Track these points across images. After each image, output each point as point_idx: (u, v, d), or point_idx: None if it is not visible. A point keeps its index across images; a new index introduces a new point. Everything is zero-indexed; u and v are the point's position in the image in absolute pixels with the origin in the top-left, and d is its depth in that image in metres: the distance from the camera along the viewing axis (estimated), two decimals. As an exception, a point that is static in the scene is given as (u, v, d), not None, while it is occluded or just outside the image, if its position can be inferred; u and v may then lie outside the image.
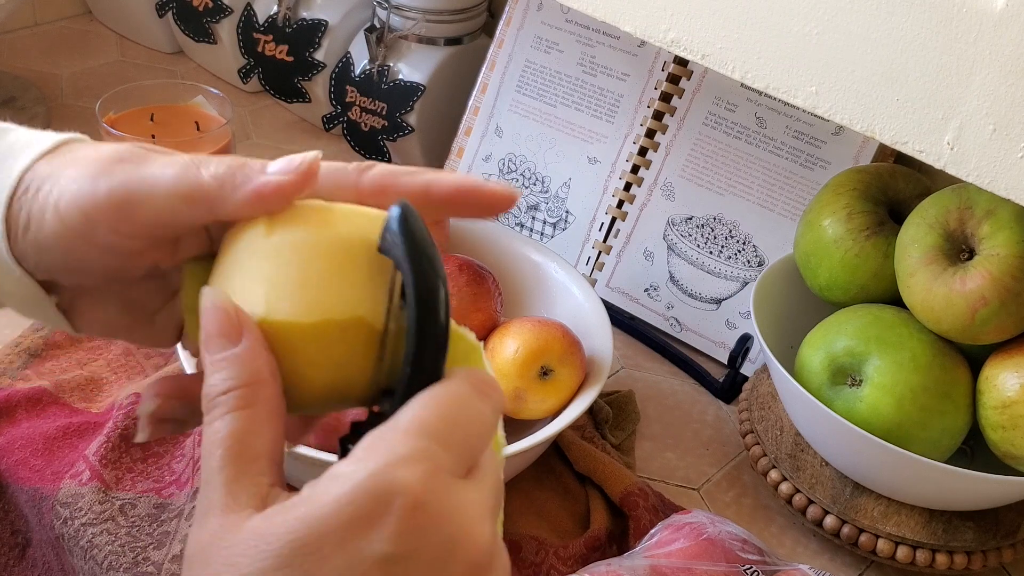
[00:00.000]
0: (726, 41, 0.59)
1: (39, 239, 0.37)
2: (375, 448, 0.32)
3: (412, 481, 0.31)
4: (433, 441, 0.33)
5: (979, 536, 0.72)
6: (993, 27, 0.49)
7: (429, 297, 0.35)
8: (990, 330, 0.66)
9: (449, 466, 0.33)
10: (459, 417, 0.34)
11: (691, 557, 0.65)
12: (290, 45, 1.12)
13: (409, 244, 0.35)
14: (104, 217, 0.37)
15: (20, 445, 0.74)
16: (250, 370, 0.34)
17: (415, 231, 0.35)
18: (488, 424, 0.36)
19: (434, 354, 0.35)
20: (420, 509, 0.31)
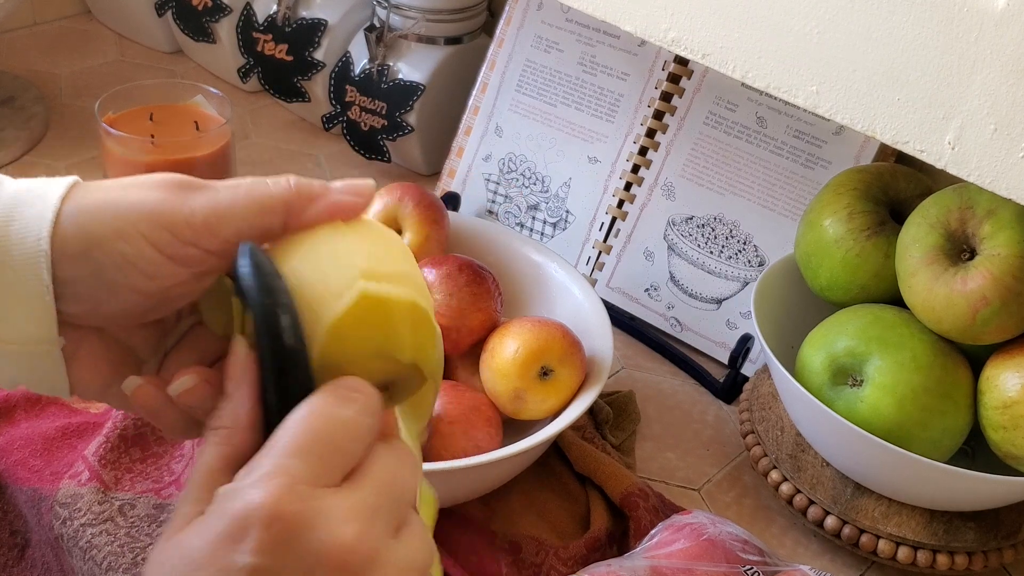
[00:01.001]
0: (727, 40, 0.59)
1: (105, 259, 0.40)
2: (244, 471, 0.35)
3: (266, 496, 0.34)
4: (290, 456, 0.35)
5: (980, 537, 0.72)
6: (994, 26, 0.49)
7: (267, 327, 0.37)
8: (991, 330, 0.66)
9: (308, 476, 0.35)
10: (319, 427, 0.36)
11: (692, 558, 0.65)
12: (289, 44, 1.12)
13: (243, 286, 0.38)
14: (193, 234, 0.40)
15: (19, 445, 0.73)
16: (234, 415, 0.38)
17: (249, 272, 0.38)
18: (357, 427, 0.37)
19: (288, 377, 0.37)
20: (277, 521, 0.33)
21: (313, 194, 0.41)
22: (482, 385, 0.77)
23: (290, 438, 0.36)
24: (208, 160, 0.96)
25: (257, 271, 0.38)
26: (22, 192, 0.40)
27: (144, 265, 0.40)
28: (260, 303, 0.37)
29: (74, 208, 0.40)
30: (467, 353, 0.79)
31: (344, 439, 0.36)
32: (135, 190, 0.40)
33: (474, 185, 1.03)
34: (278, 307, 0.37)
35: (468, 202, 1.03)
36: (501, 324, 0.78)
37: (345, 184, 0.42)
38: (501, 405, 0.76)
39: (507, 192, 1.01)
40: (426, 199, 0.85)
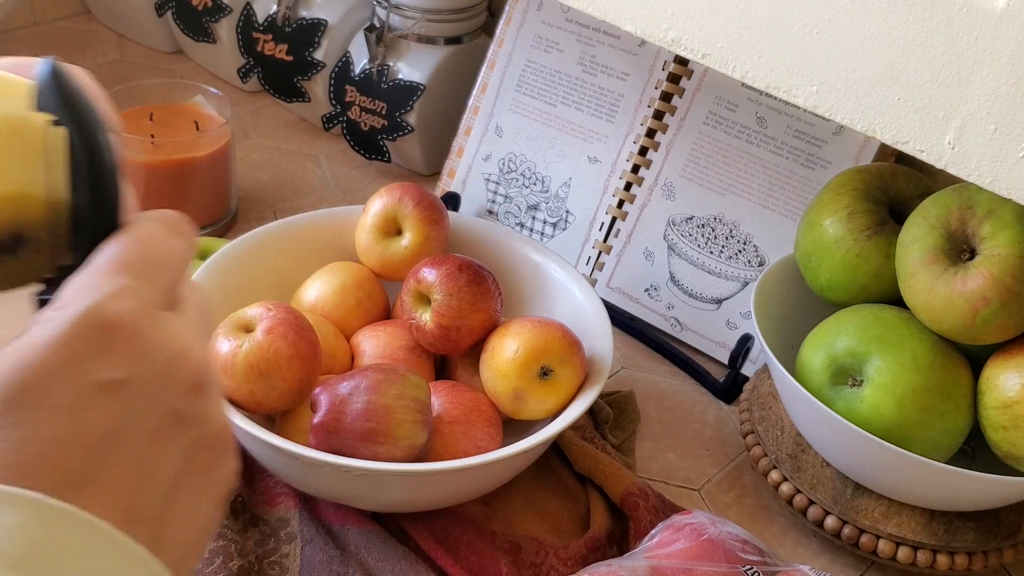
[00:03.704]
0: (727, 40, 0.59)
1: None
2: (80, 289, 0.34)
3: (125, 311, 0.33)
4: (134, 277, 0.35)
5: (980, 537, 0.72)
6: (994, 26, 0.49)
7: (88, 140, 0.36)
8: (991, 330, 0.66)
9: (155, 300, 0.35)
10: (155, 253, 0.36)
11: (691, 558, 0.65)
12: (289, 44, 1.12)
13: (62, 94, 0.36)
14: None
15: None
16: None
17: (67, 82, 0.36)
18: (183, 258, 0.38)
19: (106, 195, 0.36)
20: (137, 337, 0.33)
21: None
22: (482, 385, 0.77)
23: (127, 256, 0.35)
24: (208, 160, 0.96)
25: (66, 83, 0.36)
26: None
27: None
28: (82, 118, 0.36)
29: None
30: (467, 353, 0.79)
31: (176, 268, 0.37)
32: None
33: (474, 185, 1.03)
34: (98, 124, 0.36)
35: (468, 202, 1.03)
36: (501, 324, 0.78)
37: None
38: (501, 405, 0.76)
39: (507, 192, 1.01)
40: (426, 199, 0.85)
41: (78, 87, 0.37)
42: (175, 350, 0.34)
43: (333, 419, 0.67)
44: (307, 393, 0.72)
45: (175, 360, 0.34)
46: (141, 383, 0.33)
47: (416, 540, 0.71)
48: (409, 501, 0.71)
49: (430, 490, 0.70)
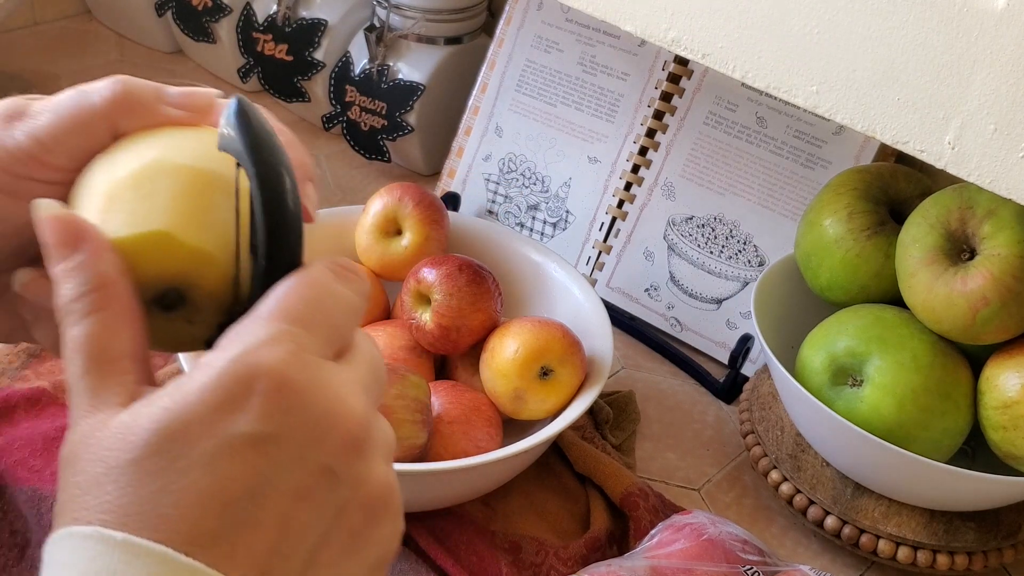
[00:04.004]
0: (727, 40, 0.59)
1: None
2: (237, 336, 0.32)
3: (274, 361, 0.31)
4: (294, 324, 0.33)
5: (980, 537, 0.72)
6: (994, 26, 0.49)
7: (271, 186, 0.34)
8: (991, 330, 0.66)
9: (313, 347, 0.33)
10: (320, 300, 0.34)
11: (691, 558, 0.65)
12: (289, 44, 1.12)
13: (247, 138, 0.35)
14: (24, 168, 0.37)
15: (19, 445, 0.73)
16: (95, 273, 0.34)
17: (250, 125, 0.35)
18: (353, 306, 0.36)
19: (283, 243, 0.35)
20: (285, 387, 0.31)
21: (140, 107, 0.38)
22: (482, 385, 0.77)
23: (290, 304, 0.33)
24: (208, 160, 0.96)
25: (253, 125, 0.35)
26: None
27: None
28: (263, 160, 0.34)
29: None
30: (467, 353, 0.79)
31: (342, 317, 0.35)
32: None
33: (474, 185, 1.03)
34: (282, 167, 0.35)
35: (468, 202, 1.03)
36: (501, 324, 0.78)
37: (182, 94, 0.39)
38: (501, 405, 0.76)
39: (507, 192, 1.01)
40: (426, 199, 0.85)
41: (264, 130, 0.35)
42: (330, 403, 0.32)
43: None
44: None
45: (330, 414, 0.32)
46: (289, 437, 0.31)
47: (416, 540, 0.71)
48: (409, 501, 0.71)
49: (430, 490, 0.70)
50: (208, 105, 0.39)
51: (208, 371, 0.31)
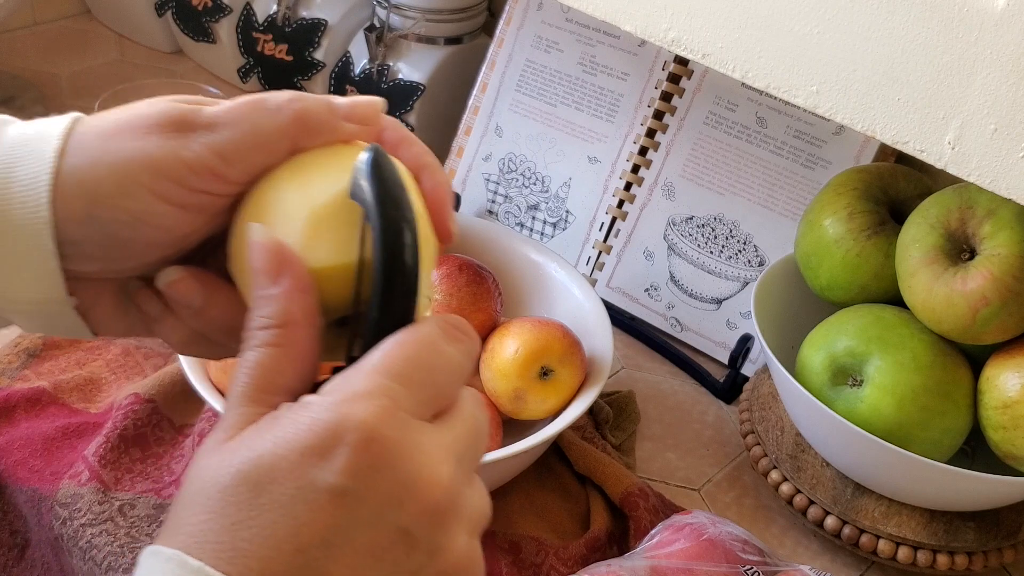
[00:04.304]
0: (727, 40, 0.59)
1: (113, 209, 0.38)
2: (338, 385, 0.33)
3: (366, 415, 0.32)
4: (394, 380, 0.33)
5: (980, 537, 0.72)
6: (994, 26, 0.49)
7: (393, 241, 0.35)
8: (991, 330, 0.66)
9: (409, 406, 0.33)
10: (424, 358, 0.34)
11: (692, 558, 0.65)
12: (289, 44, 1.12)
13: (375, 190, 0.35)
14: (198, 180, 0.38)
15: (19, 445, 0.73)
16: (285, 310, 0.35)
17: (381, 176, 0.36)
18: (458, 368, 0.36)
19: (401, 298, 0.35)
20: (374, 443, 0.31)
21: (318, 124, 0.39)
22: (482, 385, 0.77)
23: (393, 360, 0.34)
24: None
25: (383, 179, 0.36)
26: (18, 146, 0.38)
27: (155, 219, 0.38)
28: (385, 214, 0.35)
29: (73, 164, 0.37)
30: (467, 353, 0.79)
31: (445, 378, 0.35)
32: (131, 136, 0.38)
33: (474, 185, 1.03)
34: (404, 222, 0.35)
35: (468, 202, 1.03)
36: (501, 324, 0.78)
37: (350, 106, 0.40)
38: (501, 405, 0.76)
39: (507, 192, 1.01)
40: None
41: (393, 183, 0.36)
42: (417, 466, 0.32)
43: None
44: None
45: (415, 477, 0.32)
46: (370, 494, 0.31)
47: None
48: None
49: (430, 490, 0.70)
50: (375, 115, 0.40)
51: (305, 414, 0.32)
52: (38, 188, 0.37)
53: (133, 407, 0.76)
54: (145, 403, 0.76)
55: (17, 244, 0.38)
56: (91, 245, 0.38)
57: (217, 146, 0.38)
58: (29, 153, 0.38)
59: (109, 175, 0.37)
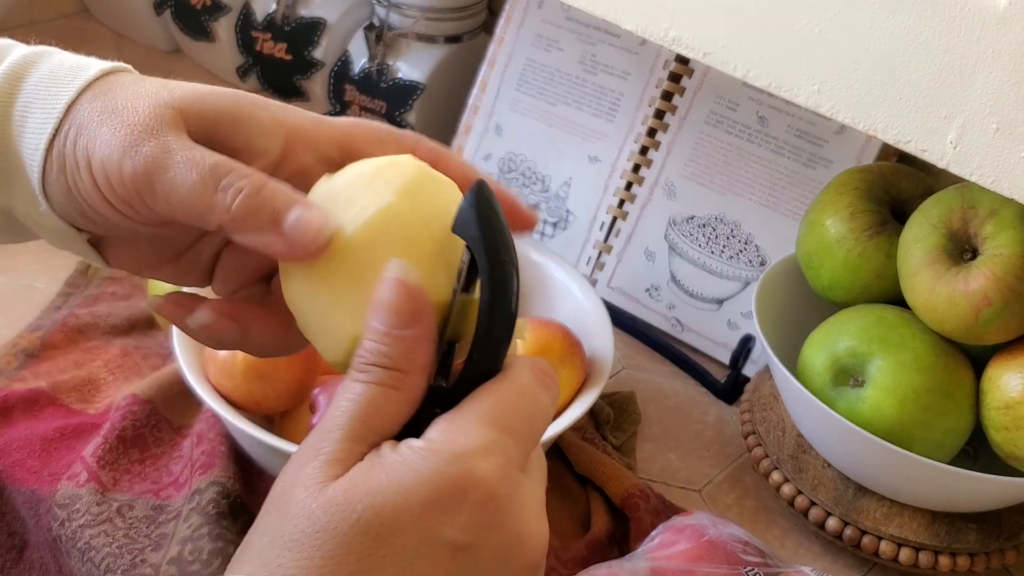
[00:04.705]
0: (728, 39, 0.59)
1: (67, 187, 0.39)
2: (455, 434, 0.33)
3: (488, 474, 0.32)
4: (504, 433, 0.34)
5: (982, 538, 0.72)
6: (996, 26, 0.48)
7: (502, 288, 0.35)
8: (993, 330, 0.66)
9: (517, 460, 0.34)
10: (527, 410, 0.35)
11: (692, 559, 0.65)
12: (288, 43, 1.12)
13: (484, 230, 0.35)
14: (125, 192, 0.38)
15: (17, 446, 0.73)
16: (410, 358, 0.35)
17: (491, 215, 0.35)
18: (549, 415, 0.37)
19: (502, 342, 0.35)
20: (492, 502, 0.32)
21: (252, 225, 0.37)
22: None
23: (503, 412, 0.34)
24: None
25: (494, 222, 0.35)
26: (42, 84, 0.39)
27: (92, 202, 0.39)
28: (495, 260, 0.35)
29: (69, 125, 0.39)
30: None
31: (540, 427, 0.36)
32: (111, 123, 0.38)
33: (474, 184, 1.02)
34: (512, 267, 0.35)
35: (468, 201, 1.02)
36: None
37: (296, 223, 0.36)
38: (501, 406, 0.75)
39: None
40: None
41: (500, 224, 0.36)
42: (524, 524, 0.34)
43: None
44: (306, 394, 0.72)
45: (522, 535, 0.33)
46: (484, 551, 0.32)
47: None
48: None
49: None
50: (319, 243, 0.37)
51: (426, 462, 0.32)
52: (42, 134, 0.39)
53: (131, 408, 0.75)
54: (144, 404, 0.76)
55: (27, 182, 0.40)
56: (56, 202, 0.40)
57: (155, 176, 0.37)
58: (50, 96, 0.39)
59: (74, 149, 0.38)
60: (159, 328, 0.86)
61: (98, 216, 0.39)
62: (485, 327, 0.35)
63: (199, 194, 0.37)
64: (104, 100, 0.39)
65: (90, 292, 0.89)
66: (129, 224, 0.39)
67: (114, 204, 0.38)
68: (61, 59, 0.41)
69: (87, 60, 0.41)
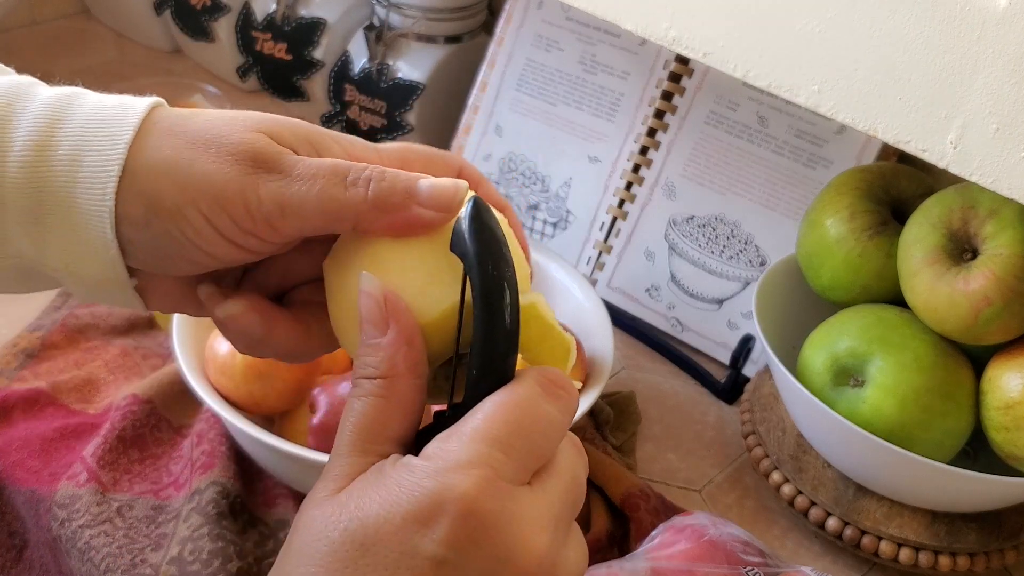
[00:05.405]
0: (728, 39, 0.59)
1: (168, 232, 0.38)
2: (440, 450, 0.34)
3: (467, 487, 0.32)
4: (493, 447, 0.34)
5: (982, 538, 0.72)
6: (996, 26, 0.48)
7: (492, 301, 0.35)
8: (994, 330, 0.66)
9: (509, 473, 0.34)
10: (524, 422, 0.35)
11: (692, 559, 0.65)
12: (288, 43, 1.12)
13: (475, 246, 0.35)
14: (253, 225, 0.37)
15: (17, 446, 0.73)
16: (390, 363, 0.36)
17: (482, 232, 0.36)
18: (557, 426, 0.36)
19: (500, 356, 0.35)
20: (472, 516, 0.32)
21: (391, 207, 0.38)
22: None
23: (493, 425, 0.34)
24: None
25: (483, 236, 0.36)
26: (91, 127, 0.38)
27: (202, 243, 0.38)
28: (485, 274, 0.35)
29: (141, 165, 0.37)
30: (467, 353, 0.79)
31: (543, 438, 0.35)
32: (208, 155, 0.37)
33: (474, 184, 1.02)
34: (504, 281, 0.35)
35: (468, 202, 1.02)
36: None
37: (430, 191, 0.38)
38: (501, 406, 0.75)
39: (507, 192, 1.01)
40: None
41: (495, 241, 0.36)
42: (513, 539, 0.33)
43: (332, 420, 0.67)
44: (306, 394, 0.72)
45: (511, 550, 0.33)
46: (467, 567, 0.32)
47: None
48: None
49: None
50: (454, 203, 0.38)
51: (409, 478, 0.33)
52: (106, 178, 0.37)
53: (131, 408, 0.75)
54: (143, 404, 0.76)
55: (80, 227, 0.38)
56: (143, 247, 0.39)
57: (282, 198, 0.37)
58: (104, 138, 0.38)
59: (171, 188, 0.37)
60: (159, 328, 0.86)
61: (202, 254, 0.39)
62: (480, 341, 0.35)
63: (331, 197, 0.37)
64: (178, 136, 0.38)
65: (90, 292, 0.89)
66: (241, 255, 0.39)
67: (232, 238, 0.38)
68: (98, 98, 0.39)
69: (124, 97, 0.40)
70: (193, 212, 0.37)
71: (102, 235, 0.38)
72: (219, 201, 0.37)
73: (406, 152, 0.42)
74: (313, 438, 0.67)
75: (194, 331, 0.73)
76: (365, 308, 0.36)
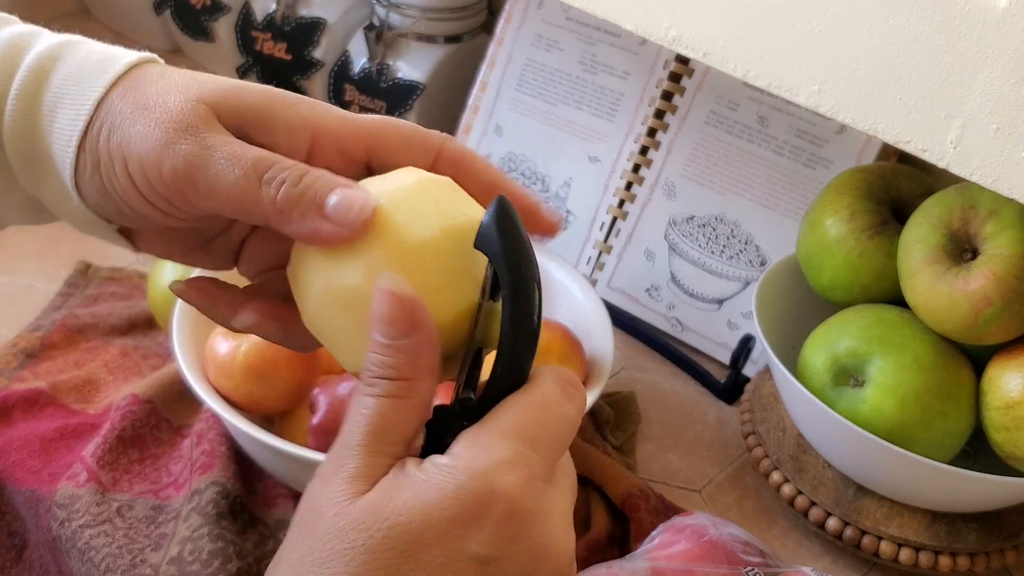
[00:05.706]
0: (728, 39, 0.59)
1: (102, 186, 0.39)
2: (476, 448, 0.34)
3: (511, 487, 0.33)
4: (527, 446, 0.34)
5: (982, 538, 0.72)
6: (996, 25, 0.48)
7: (523, 301, 0.35)
8: (994, 330, 0.66)
9: (541, 471, 0.34)
10: (551, 422, 0.35)
11: (692, 559, 0.65)
12: (288, 43, 1.12)
13: (505, 245, 0.35)
14: (166, 191, 0.38)
15: (17, 446, 0.73)
16: (413, 365, 0.35)
17: (512, 231, 0.36)
18: (573, 426, 0.37)
19: (525, 356, 0.36)
20: (516, 515, 0.33)
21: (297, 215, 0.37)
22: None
23: (526, 424, 0.35)
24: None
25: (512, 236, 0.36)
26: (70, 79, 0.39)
27: (130, 201, 0.39)
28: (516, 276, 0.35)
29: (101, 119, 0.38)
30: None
31: (565, 437, 0.36)
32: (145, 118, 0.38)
33: (474, 184, 1.02)
34: (534, 282, 0.36)
35: (468, 201, 1.02)
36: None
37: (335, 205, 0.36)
38: (501, 406, 0.75)
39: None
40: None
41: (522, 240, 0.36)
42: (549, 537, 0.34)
43: (332, 420, 0.67)
44: (306, 394, 0.72)
45: (547, 548, 0.34)
46: (509, 564, 0.33)
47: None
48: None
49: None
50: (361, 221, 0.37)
51: (450, 479, 0.33)
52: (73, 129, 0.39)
53: (131, 408, 0.75)
54: (143, 404, 0.76)
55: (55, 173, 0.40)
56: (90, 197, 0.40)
57: (193, 173, 0.37)
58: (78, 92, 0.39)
59: (107, 145, 0.38)
60: (159, 328, 0.86)
61: (134, 212, 0.39)
62: (508, 341, 0.36)
63: (243, 190, 0.37)
64: (135, 96, 0.39)
65: (90, 292, 0.89)
66: (166, 220, 0.40)
67: (152, 202, 0.38)
68: (88, 50, 0.41)
69: (115, 51, 0.41)
70: (121, 169, 0.38)
71: (68, 182, 0.40)
72: (140, 163, 0.37)
73: (382, 126, 0.42)
74: (313, 438, 0.67)
75: (194, 331, 0.73)
76: (389, 308, 0.35)
